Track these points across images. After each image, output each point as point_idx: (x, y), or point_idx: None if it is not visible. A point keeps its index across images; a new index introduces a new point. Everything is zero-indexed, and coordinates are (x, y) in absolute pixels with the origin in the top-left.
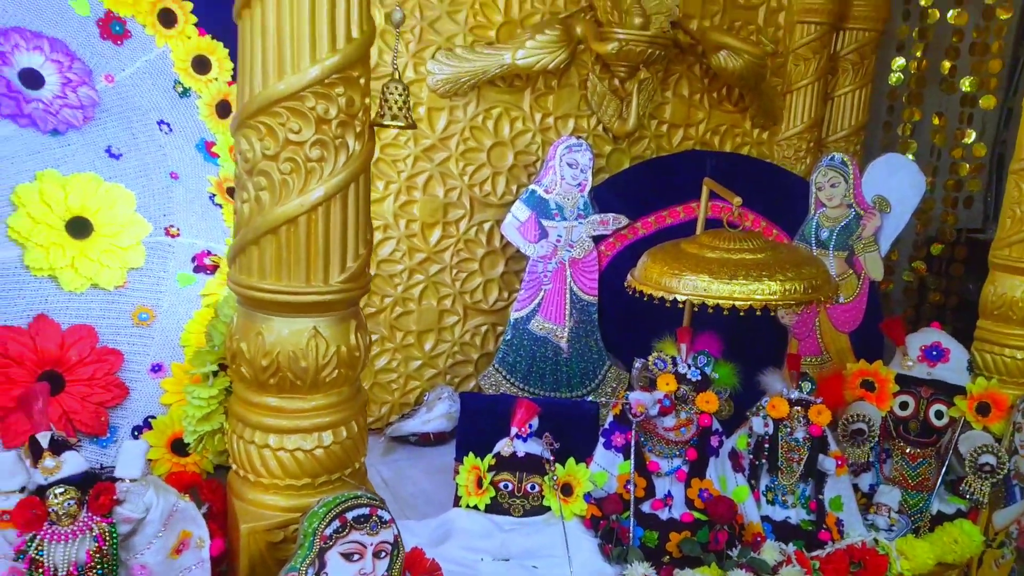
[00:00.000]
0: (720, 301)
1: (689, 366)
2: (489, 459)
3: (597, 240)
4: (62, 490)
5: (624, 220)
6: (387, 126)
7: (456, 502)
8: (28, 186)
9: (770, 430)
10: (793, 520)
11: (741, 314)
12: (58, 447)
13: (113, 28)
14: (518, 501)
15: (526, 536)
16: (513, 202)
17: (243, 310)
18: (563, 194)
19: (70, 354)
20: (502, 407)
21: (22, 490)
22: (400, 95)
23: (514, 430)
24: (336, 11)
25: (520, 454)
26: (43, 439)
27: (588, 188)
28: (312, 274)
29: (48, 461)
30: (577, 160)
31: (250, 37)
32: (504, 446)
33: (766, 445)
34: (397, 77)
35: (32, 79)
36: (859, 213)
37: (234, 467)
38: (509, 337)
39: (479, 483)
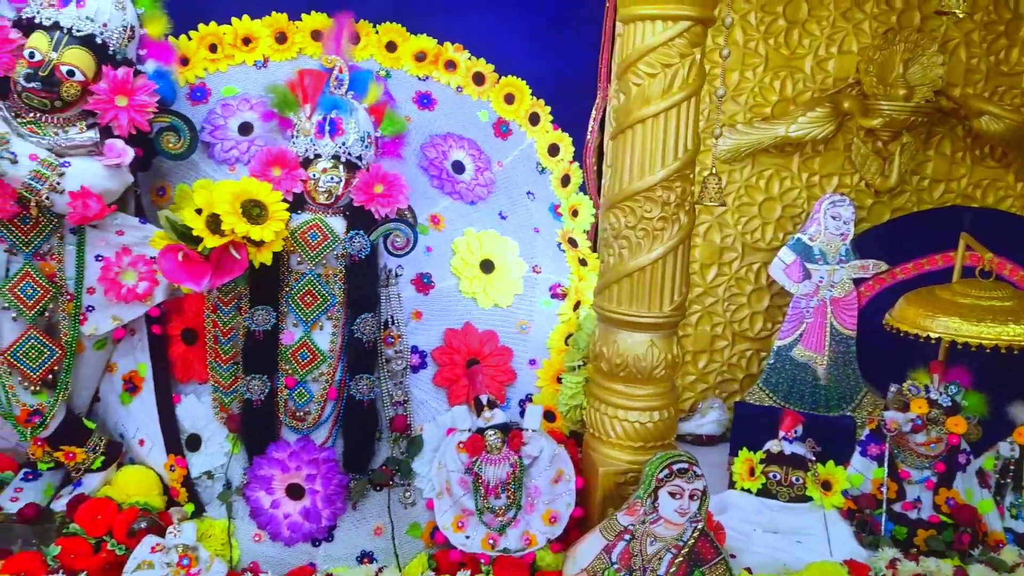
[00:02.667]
0: (969, 340)
1: (941, 393)
2: (760, 454)
3: (857, 282)
4: (493, 433)
5: (883, 266)
6: (707, 205)
7: (731, 485)
8: (459, 239)
9: (1016, 454)
10: None
11: (987, 351)
12: (491, 404)
13: (501, 128)
14: (784, 489)
15: (791, 516)
16: (779, 248)
17: (602, 325)
18: (826, 242)
19: (484, 348)
20: (769, 416)
21: (470, 431)
22: (716, 184)
23: (782, 433)
24: (677, 137)
25: (787, 452)
26: (484, 399)
27: (850, 238)
28: (652, 304)
29: (487, 412)
30: (840, 213)
31: (620, 152)
32: (773, 445)
33: (1012, 467)
34: (714, 172)
35: (459, 167)
36: None
37: (590, 430)
38: (773, 362)
39: (751, 472)
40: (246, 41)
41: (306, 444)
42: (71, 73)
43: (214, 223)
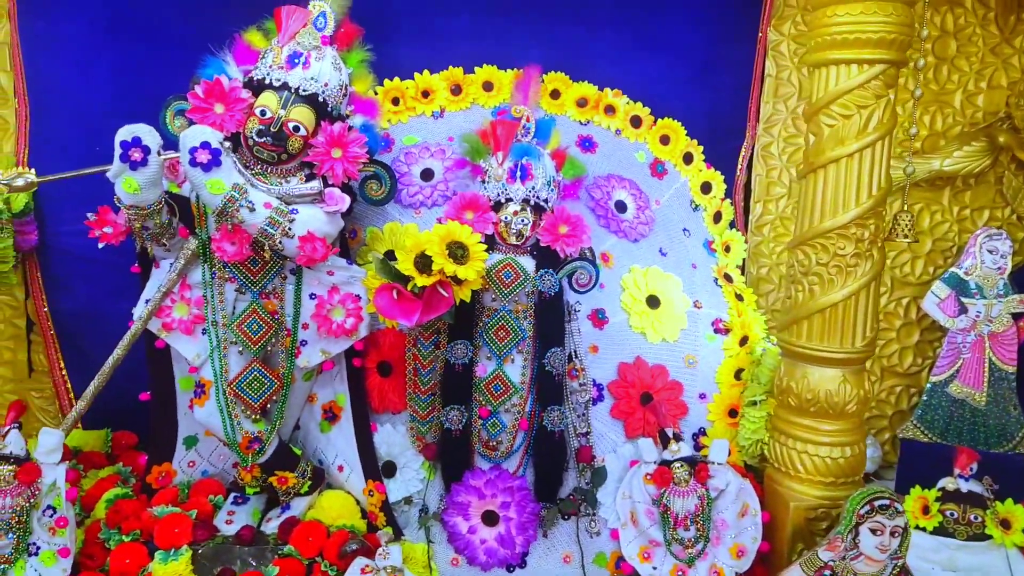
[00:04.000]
0: None
1: None
2: (935, 491)
3: (1017, 317)
4: (680, 465)
5: None
6: (898, 242)
7: None
8: (627, 276)
9: None
10: None
11: None
12: (676, 438)
13: (657, 168)
14: (962, 528)
15: (971, 555)
16: (930, 282)
17: (789, 361)
18: (983, 276)
19: (656, 383)
20: (936, 453)
21: (656, 463)
22: (908, 220)
23: (957, 471)
24: (871, 175)
25: (963, 490)
26: (669, 432)
27: (1007, 271)
28: (844, 340)
29: (673, 445)
30: (997, 247)
31: (811, 190)
32: (948, 483)
33: None
34: (906, 208)
35: (621, 207)
36: None
37: (774, 464)
38: (927, 398)
39: (925, 510)
40: (425, 94)
41: (500, 473)
42: (296, 128)
43: (423, 263)
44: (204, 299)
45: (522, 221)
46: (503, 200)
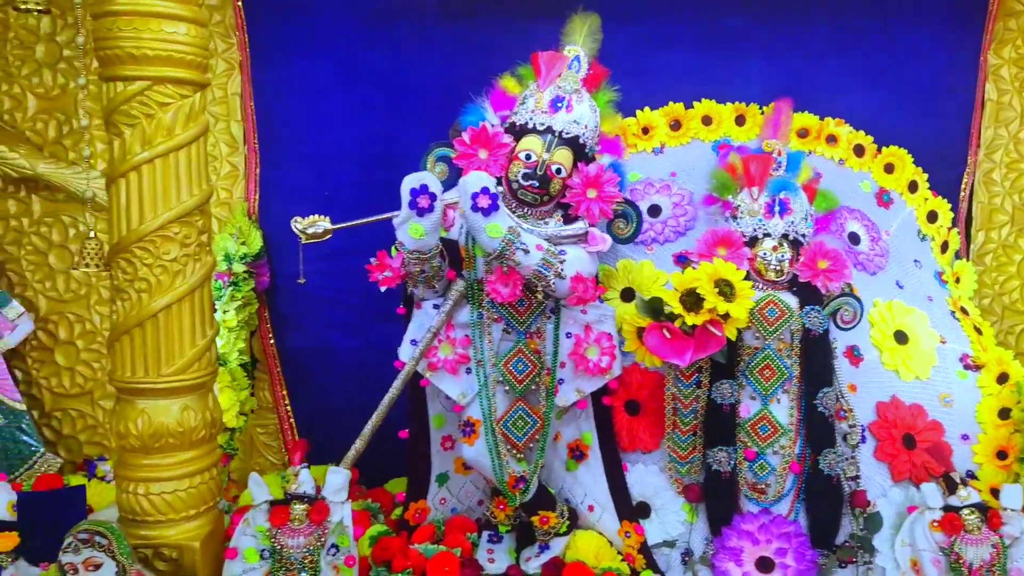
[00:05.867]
0: None
1: None
2: None
3: None
4: (971, 512)
5: None
6: None
7: None
8: (873, 311)
9: None
10: None
11: None
12: (964, 482)
13: (883, 198)
14: None
15: None
16: None
17: None
18: None
19: (916, 423)
20: None
21: (943, 509)
22: None
23: None
24: None
25: None
26: (956, 476)
27: None
28: None
29: (961, 491)
30: None
31: None
32: None
33: None
34: None
35: (855, 238)
36: None
37: None
38: None
39: None
40: (645, 130)
41: (775, 518)
42: (559, 171)
43: (692, 301)
44: (471, 339)
45: (781, 257)
46: (760, 236)
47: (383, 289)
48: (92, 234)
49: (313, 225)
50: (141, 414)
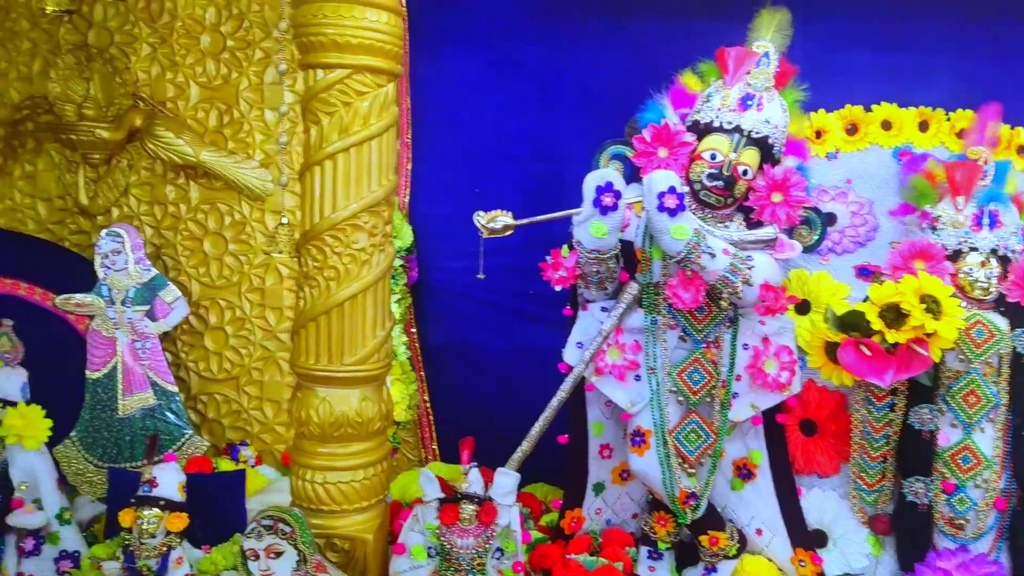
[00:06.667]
0: None
1: None
2: None
3: None
4: None
5: None
6: None
7: None
8: None
9: None
10: None
11: None
12: None
13: None
14: None
15: None
16: None
17: None
18: None
19: None
20: None
21: None
22: None
23: None
24: None
25: None
26: None
27: None
28: None
29: None
30: None
31: None
32: None
33: None
34: None
35: None
36: None
37: None
38: None
39: None
40: (818, 135)
41: (976, 556)
42: (745, 172)
43: (892, 317)
44: (641, 345)
45: (990, 274)
46: (965, 249)
47: (558, 288)
48: (284, 220)
49: (494, 220)
50: (322, 402)
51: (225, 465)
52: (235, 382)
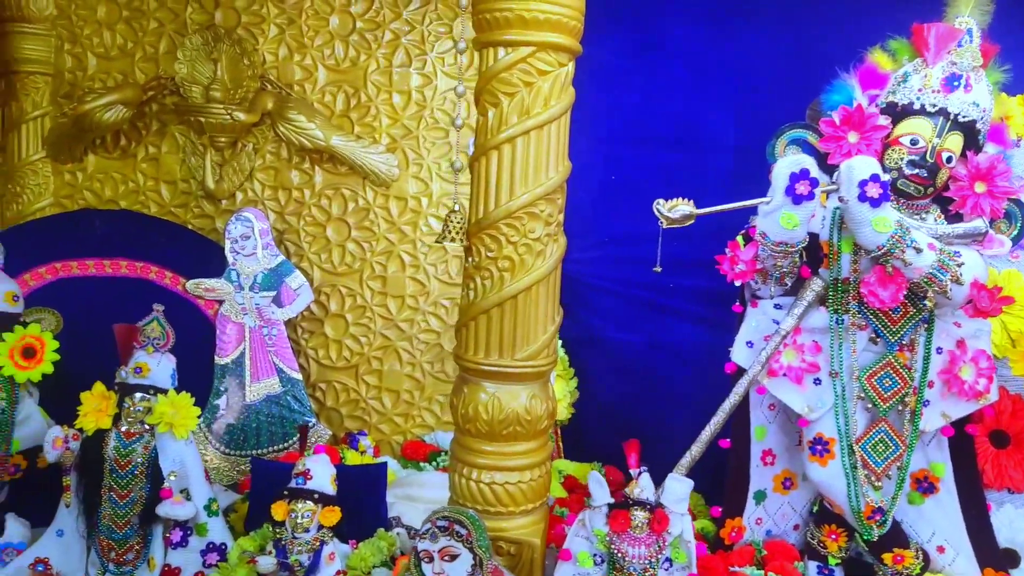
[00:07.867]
0: None
1: None
2: None
3: None
4: None
5: None
6: None
7: None
8: None
9: None
10: None
11: None
12: None
13: None
14: None
15: None
16: None
17: None
18: None
19: None
20: None
21: None
22: None
23: None
24: None
25: None
26: None
27: None
28: None
29: None
30: None
31: None
32: None
33: None
34: None
35: None
36: None
37: None
38: None
39: None
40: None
41: None
42: (949, 159)
43: None
44: (821, 346)
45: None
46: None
47: (737, 283)
48: (457, 207)
49: (675, 209)
50: (492, 398)
51: (352, 456)
52: (354, 370)
